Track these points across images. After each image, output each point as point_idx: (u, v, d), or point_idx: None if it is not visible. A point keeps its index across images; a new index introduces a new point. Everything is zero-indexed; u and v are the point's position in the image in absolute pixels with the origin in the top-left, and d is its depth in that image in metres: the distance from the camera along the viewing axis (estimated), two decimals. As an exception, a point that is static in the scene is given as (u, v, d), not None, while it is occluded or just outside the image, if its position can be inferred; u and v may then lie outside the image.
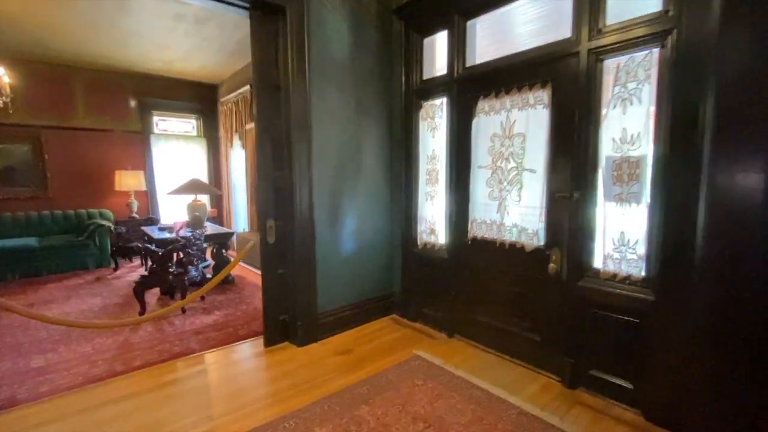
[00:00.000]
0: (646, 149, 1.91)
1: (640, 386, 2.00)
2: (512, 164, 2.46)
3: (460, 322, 2.91)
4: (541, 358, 2.43)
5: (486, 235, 2.66)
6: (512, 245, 2.50)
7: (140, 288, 3.43)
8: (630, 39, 1.92)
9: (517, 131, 2.42)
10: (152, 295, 4.01)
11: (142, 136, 6.28)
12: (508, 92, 2.44)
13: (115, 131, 6.04)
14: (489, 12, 2.60)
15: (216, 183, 6.96)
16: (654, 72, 1.85)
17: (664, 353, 1.89)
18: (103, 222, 5.42)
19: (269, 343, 2.86)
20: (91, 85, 5.78)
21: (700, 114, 1.68)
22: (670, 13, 1.77)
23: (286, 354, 2.75)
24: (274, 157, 2.79)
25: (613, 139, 2.02)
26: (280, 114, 2.76)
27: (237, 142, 6.05)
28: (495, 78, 2.52)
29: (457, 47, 2.73)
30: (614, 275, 2.07)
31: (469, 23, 2.70)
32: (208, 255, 5.18)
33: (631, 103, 1.94)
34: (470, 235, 2.74)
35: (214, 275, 4.50)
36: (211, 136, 6.98)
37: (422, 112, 3.06)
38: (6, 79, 3.75)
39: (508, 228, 2.52)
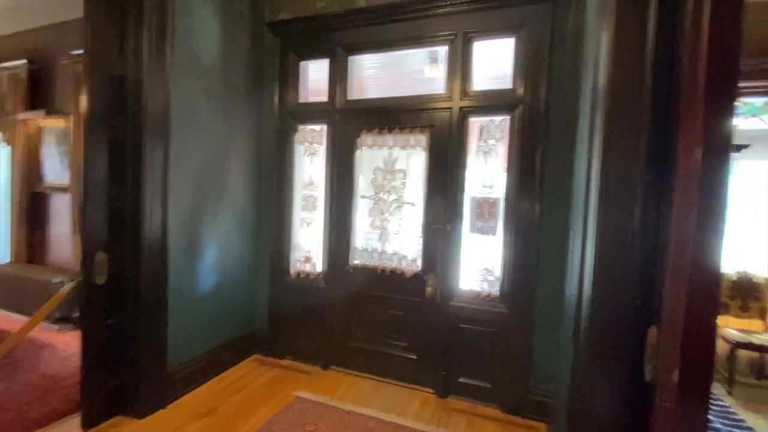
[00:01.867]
0: (500, 192, 2.42)
1: (496, 384, 2.45)
2: (394, 197, 2.66)
3: (337, 352, 2.86)
4: (418, 374, 2.65)
5: (368, 263, 2.74)
6: (393, 271, 2.67)
7: None
8: (489, 105, 2.42)
9: (399, 167, 2.64)
10: None
11: None
12: (391, 131, 2.65)
13: None
14: (371, 53, 2.78)
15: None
16: (506, 133, 2.40)
17: (513, 355, 2.38)
18: None
19: (92, 422, 2.07)
20: None
21: (537, 166, 2.28)
22: (518, 91, 2.35)
23: (124, 432, 2.05)
24: (111, 168, 2.11)
25: (477, 183, 2.48)
26: (125, 112, 2.13)
27: (-7, 135, 4.22)
28: (379, 115, 2.70)
29: (340, 78, 2.78)
30: (478, 294, 2.50)
31: (351, 58, 2.81)
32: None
33: (491, 156, 2.44)
34: (351, 262, 2.77)
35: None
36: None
37: (299, 136, 2.94)
38: None
39: (389, 255, 2.68)
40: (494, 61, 2.71)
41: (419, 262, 2.61)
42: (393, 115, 2.66)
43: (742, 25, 0.93)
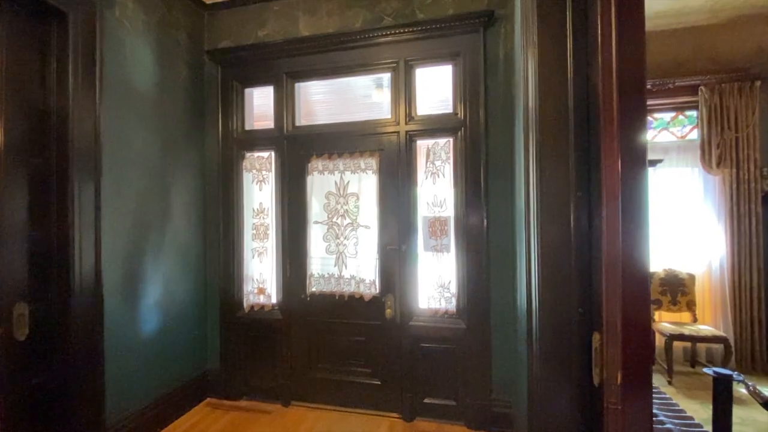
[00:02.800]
0: (450, 211, 2.50)
1: (460, 401, 2.46)
2: (348, 220, 2.65)
3: (298, 386, 2.73)
4: (382, 400, 2.59)
5: (325, 289, 2.68)
6: (351, 296, 2.63)
7: None
8: (434, 128, 2.53)
9: (351, 191, 2.65)
10: None
11: None
12: (341, 156, 2.66)
13: None
14: (317, 80, 2.81)
15: None
16: (452, 154, 2.50)
17: (473, 369, 2.41)
18: None
19: (9, 504, 1.78)
20: None
21: (481, 184, 2.39)
22: (459, 115, 2.47)
23: None
24: (31, 209, 1.91)
25: (428, 203, 2.55)
26: (47, 149, 1.95)
27: None
28: (328, 140, 2.70)
29: (286, 105, 2.77)
30: (436, 311, 2.53)
31: (297, 84, 2.82)
32: None
33: (438, 176, 2.52)
34: (308, 290, 2.70)
35: None
36: None
37: (246, 163, 2.86)
38: None
39: (346, 280, 2.64)
40: (436, 87, 2.85)
41: (377, 285, 2.59)
42: (343, 140, 2.68)
43: (644, 53, 1.06)
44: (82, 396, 1.98)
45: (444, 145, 2.52)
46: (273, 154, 2.81)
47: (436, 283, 2.54)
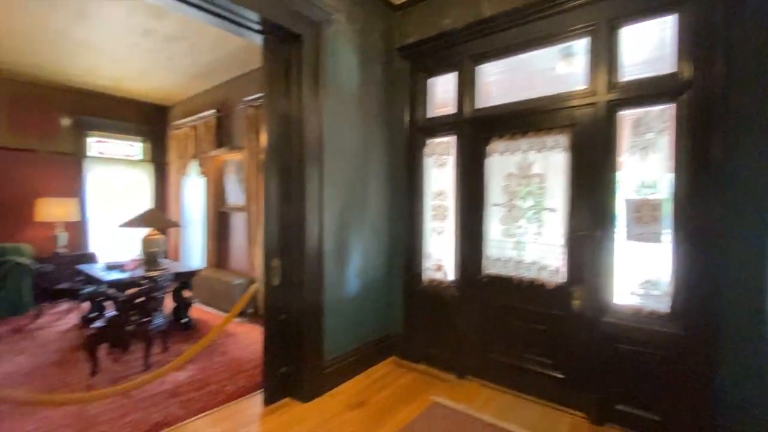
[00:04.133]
0: (665, 193, 2.09)
1: (669, 418, 2.08)
2: (530, 203, 2.54)
3: (472, 362, 2.84)
4: (564, 395, 2.43)
5: (501, 272, 2.67)
6: (531, 282, 2.53)
7: (94, 342, 2.83)
8: (643, 95, 2.13)
9: (535, 172, 2.52)
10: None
11: (75, 158, 5.44)
12: (524, 135, 2.56)
13: (38, 152, 5.15)
14: (499, 59, 2.75)
15: (163, 213, 6.22)
16: (670, 124, 2.07)
17: (692, 384, 1.99)
18: (22, 260, 4.48)
19: (270, 400, 2.50)
20: (15, 98, 4.93)
21: (716, 161, 1.90)
22: (683, 75, 2.01)
23: (294, 413, 2.41)
24: (281, 191, 2.56)
25: (633, 184, 2.19)
26: (290, 145, 2.56)
27: (194, 170, 5.52)
28: (510, 120, 2.64)
29: (467, 89, 2.82)
30: (639, 310, 2.18)
31: (478, 67, 2.82)
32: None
33: (649, 152, 2.13)
34: (484, 272, 2.74)
35: (173, 319, 3.92)
36: (158, 161, 6.30)
37: (427, 149, 3.07)
38: None
39: (526, 265, 2.56)
40: (646, 46, 2.38)
41: (563, 273, 2.42)
42: (526, 118, 2.57)
43: None
44: (310, 333, 2.58)
45: (658, 114, 2.11)
46: (453, 138, 2.93)
47: (639, 277, 2.19)
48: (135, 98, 5.84)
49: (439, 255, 3.05)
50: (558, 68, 3.14)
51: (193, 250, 5.76)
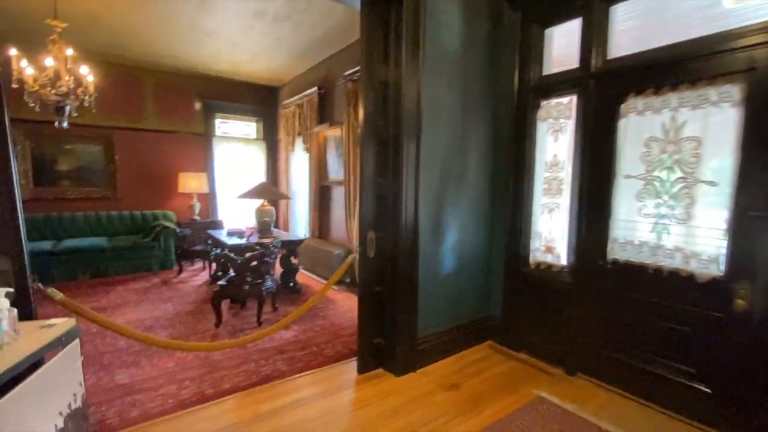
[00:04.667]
0: None
1: None
2: (678, 174, 2.02)
3: (585, 358, 2.48)
4: (712, 414, 1.95)
5: (632, 259, 2.23)
6: (674, 273, 2.05)
7: (218, 297, 3.23)
8: None
9: (688, 134, 1.98)
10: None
11: (205, 138, 6.24)
12: (674, 88, 2.02)
13: (179, 133, 6.03)
14: (642, -6, 2.19)
15: (275, 186, 6.83)
16: None
17: None
18: (168, 224, 5.37)
19: (363, 369, 2.54)
20: (160, 86, 5.80)
21: None
22: None
23: (386, 385, 2.41)
24: (377, 162, 2.49)
25: None
26: (387, 114, 2.46)
27: (300, 146, 5.88)
28: (654, 71, 2.10)
29: (596, 36, 2.33)
30: None
31: (611, 8, 2.30)
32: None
33: None
34: (609, 257, 2.32)
35: (282, 282, 4.29)
36: (270, 139, 6.88)
37: (541, 112, 2.68)
38: (90, 78, 3.70)
39: (668, 251, 2.07)
40: None
41: (721, 264, 1.89)
42: (678, 67, 2.01)
43: None
44: (404, 307, 2.52)
45: None
46: (574, 98, 2.48)
47: None
48: (250, 81, 6.39)
49: (550, 235, 2.68)
50: (722, 3, 2.40)
51: (299, 221, 6.23)
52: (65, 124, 3.68)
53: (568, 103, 2.52)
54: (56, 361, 1.08)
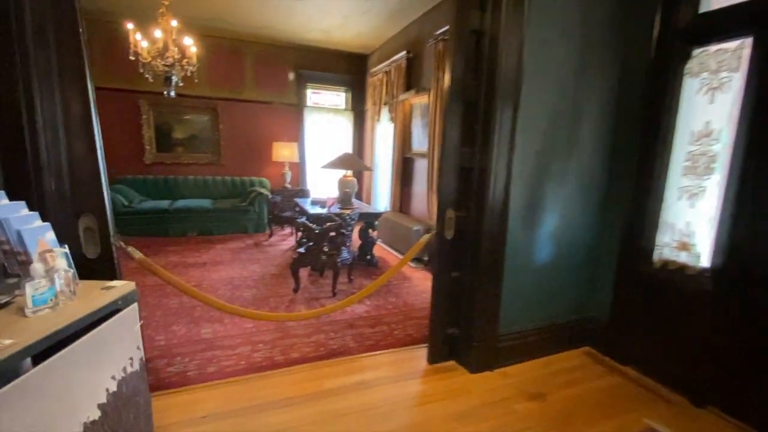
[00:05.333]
0: None
1: None
2: None
3: (721, 388, 1.90)
4: None
5: (824, 271, 1.57)
6: None
7: (296, 266, 3.28)
8: None
9: None
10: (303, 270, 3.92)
11: (297, 108, 6.42)
12: None
13: (274, 103, 6.27)
14: None
15: (359, 158, 6.82)
16: None
17: None
18: (263, 190, 5.72)
19: (434, 359, 2.33)
20: (258, 58, 6.05)
21: None
22: None
23: (457, 381, 2.17)
24: (463, 129, 2.15)
25: None
26: (479, 71, 2.07)
27: (385, 116, 5.68)
28: None
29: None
30: None
31: None
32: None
33: None
34: (783, 264, 1.68)
35: (359, 255, 4.25)
36: (358, 109, 6.81)
37: (692, 65, 2.01)
38: (194, 49, 3.94)
39: None
40: None
41: None
42: None
43: None
44: (485, 298, 2.21)
45: None
46: (748, 42, 1.78)
47: None
48: (340, 48, 6.31)
49: (688, 228, 2.07)
50: None
51: (381, 194, 6.14)
52: (172, 94, 4.01)
53: (737, 49, 1.82)
54: (110, 325, 1.07)
